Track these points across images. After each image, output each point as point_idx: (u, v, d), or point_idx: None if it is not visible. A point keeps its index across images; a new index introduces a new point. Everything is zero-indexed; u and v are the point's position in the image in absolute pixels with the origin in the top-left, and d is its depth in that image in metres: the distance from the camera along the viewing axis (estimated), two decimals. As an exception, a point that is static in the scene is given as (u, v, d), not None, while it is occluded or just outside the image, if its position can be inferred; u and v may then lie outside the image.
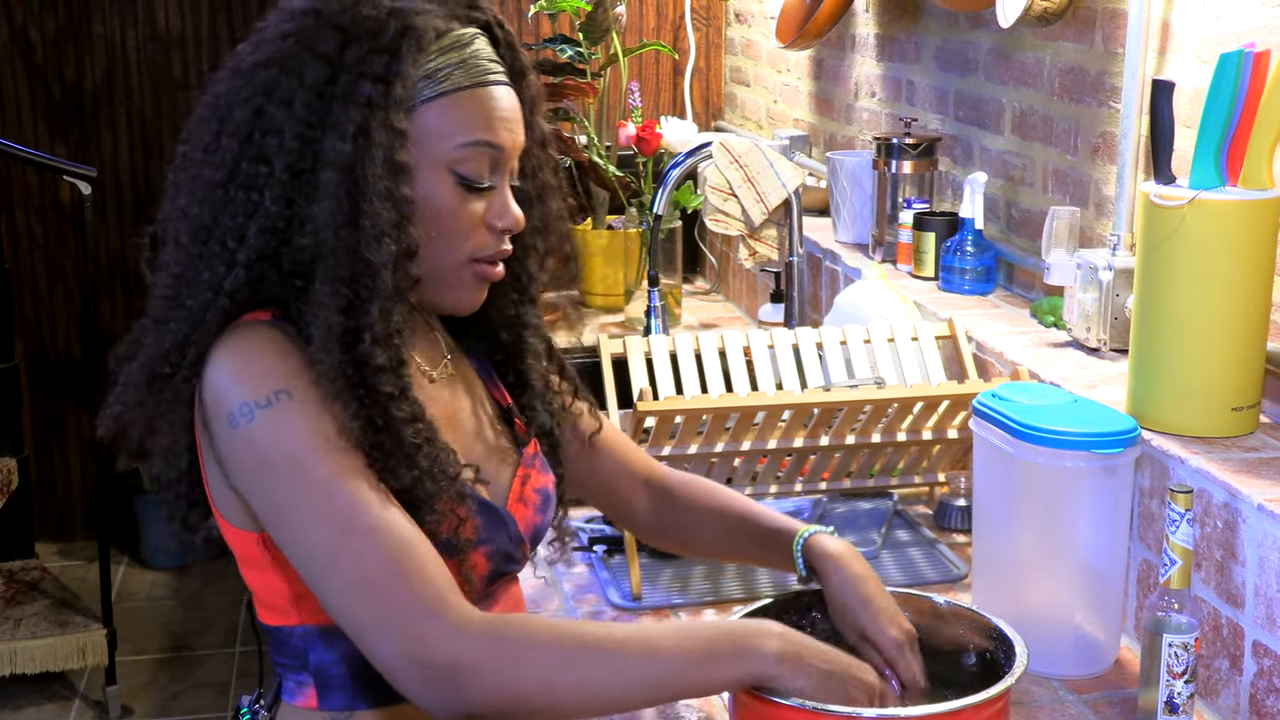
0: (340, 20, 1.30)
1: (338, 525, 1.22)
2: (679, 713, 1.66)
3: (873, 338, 2.21)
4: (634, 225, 3.46)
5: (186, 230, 1.32)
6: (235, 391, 1.25)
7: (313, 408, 1.25)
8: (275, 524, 1.26)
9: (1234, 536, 1.62)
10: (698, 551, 1.74)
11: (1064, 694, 1.71)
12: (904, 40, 3.05)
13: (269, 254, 1.28)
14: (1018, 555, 1.77)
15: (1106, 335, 2.15)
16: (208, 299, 1.29)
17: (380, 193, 1.26)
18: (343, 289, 1.26)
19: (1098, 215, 2.33)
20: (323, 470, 1.23)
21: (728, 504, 1.62)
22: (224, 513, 1.33)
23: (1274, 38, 1.82)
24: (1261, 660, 1.58)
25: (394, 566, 1.22)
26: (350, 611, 1.23)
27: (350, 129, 1.26)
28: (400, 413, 1.28)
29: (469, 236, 1.34)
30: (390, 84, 1.27)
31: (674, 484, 1.65)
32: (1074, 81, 2.38)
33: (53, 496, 5.21)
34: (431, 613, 1.21)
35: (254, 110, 1.29)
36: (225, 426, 1.25)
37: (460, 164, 1.32)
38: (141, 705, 4.14)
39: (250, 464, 1.25)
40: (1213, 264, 1.73)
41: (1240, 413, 1.77)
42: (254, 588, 1.38)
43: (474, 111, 1.33)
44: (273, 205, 1.27)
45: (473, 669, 1.20)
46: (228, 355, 1.27)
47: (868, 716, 1.28)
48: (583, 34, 3.47)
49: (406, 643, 1.20)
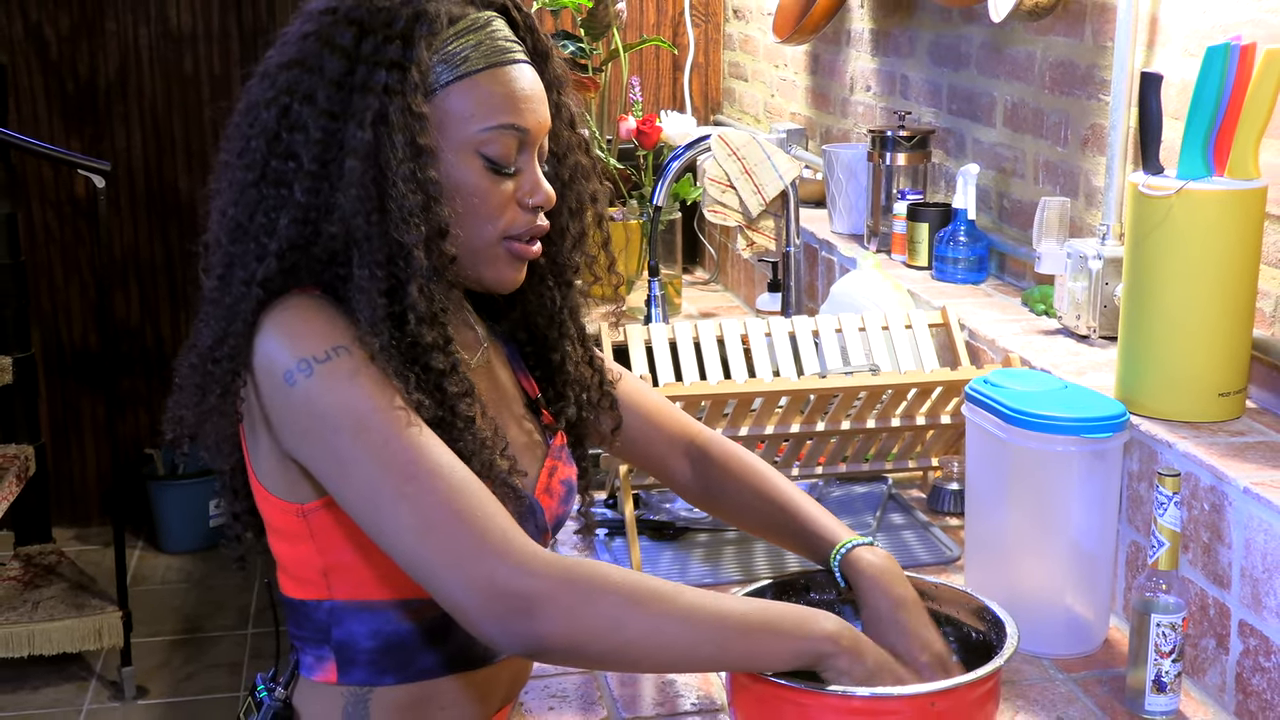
0: (356, 15, 1.30)
1: (400, 472, 1.21)
2: (678, 691, 1.66)
3: (868, 326, 2.20)
4: (635, 217, 3.45)
5: (225, 232, 1.32)
6: (290, 351, 1.24)
7: (369, 366, 1.24)
8: (337, 479, 1.24)
9: (1220, 519, 1.61)
10: (739, 526, 1.69)
11: (1054, 673, 1.70)
12: (898, 35, 3.04)
13: (300, 243, 1.28)
14: (1009, 538, 1.76)
15: (1096, 323, 2.14)
16: (242, 292, 1.29)
17: (404, 176, 1.26)
18: (379, 272, 1.26)
19: (1087, 205, 2.32)
20: (382, 420, 1.23)
21: (770, 489, 1.56)
22: (268, 485, 1.33)
23: (1260, 31, 1.81)
24: (1247, 640, 1.58)
25: (458, 507, 1.21)
26: (419, 555, 1.21)
27: (370, 116, 1.26)
28: (454, 388, 1.29)
29: (501, 215, 1.33)
30: (406, 69, 1.27)
31: (716, 454, 1.59)
32: (1064, 75, 2.37)
33: (69, 483, 5.21)
34: (499, 549, 1.20)
35: (280, 110, 1.29)
36: (281, 387, 1.24)
37: (486, 146, 1.31)
38: (156, 685, 4.14)
39: (308, 422, 1.24)
40: (1200, 253, 1.72)
41: (1226, 398, 1.76)
42: (284, 560, 1.37)
43: (494, 92, 1.31)
44: (303, 197, 1.27)
45: (546, 602, 1.19)
46: (278, 322, 1.26)
47: (858, 694, 1.27)
48: (584, 30, 3.46)
49: (478, 578, 1.19)
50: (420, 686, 1.37)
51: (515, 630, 1.20)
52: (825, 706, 1.28)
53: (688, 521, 2.13)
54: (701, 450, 1.60)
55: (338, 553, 1.32)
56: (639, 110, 3.59)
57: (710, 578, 1.95)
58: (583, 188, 1.45)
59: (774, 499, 1.55)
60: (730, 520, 1.66)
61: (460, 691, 1.39)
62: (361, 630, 1.35)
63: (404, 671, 1.37)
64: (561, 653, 1.23)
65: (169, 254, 5.16)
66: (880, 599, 1.42)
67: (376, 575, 1.32)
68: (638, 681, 1.69)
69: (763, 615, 1.28)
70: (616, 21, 3.50)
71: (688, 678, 1.69)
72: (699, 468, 1.60)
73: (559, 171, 1.42)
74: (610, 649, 1.23)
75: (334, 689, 1.38)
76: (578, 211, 1.45)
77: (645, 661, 1.28)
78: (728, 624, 1.25)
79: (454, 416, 1.28)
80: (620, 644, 1.22)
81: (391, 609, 1.34)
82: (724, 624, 1.25)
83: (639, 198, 3.47)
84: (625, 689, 1.67)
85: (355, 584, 1.33)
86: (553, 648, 1.22)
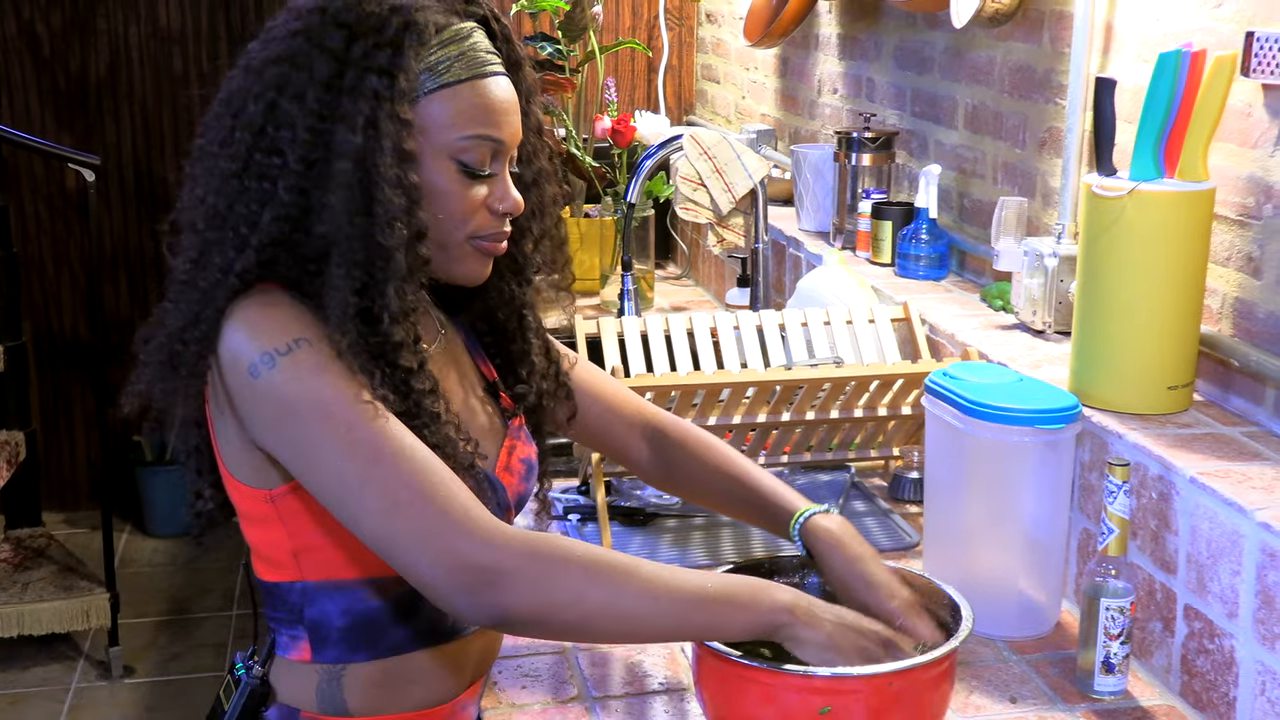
0: (345, 17, 1.29)
1: (364, 456, 1.22)
2: (646, 671, 1.67)
3: (832, 320, 2.21)
4: (609, 213, 3.45)
5: (202, 217, 1.31)
6: (254, 344, 1.24)
7: (332, 359, 1.24)
8: (304, 467, 1.25)
9: (1168, 507, 1.62)
10: (700, 503, 1.71)
11: (1008, 654, 1.71)
12: (864, 40, 3.05)
13: (282, 240, 1.28)
14: (966, 524, 1.77)
15: (1051, 318, 2.15)
16: (218, 279, 1.28)
17: (391, 180, 1.26)
18: (356, 271, 1.26)
19: (1044, 205, 2.33)
20: (344, 407, 1.23)
21: (728, 464, 1.57)
22: (235, 473, 1.33)
23: (1210, 38, 1.82)
24: (1192, 623, 1.59)
25: (422, 487, 1.22)
26: (386, 536, 1.22)
27: (360, 120, 1.26)
28: (421, 385, 1.29)
29: (471, 218, 1.34)
30: (395, 77, 1.27)
31: (674, 434, 1.60)
32: (1023, 79, 2.38)
33: (59, 468, 5.18)
34: (462, 525, 1.21)
35: (267, 105, 1.28)
36: (246, 379, 1.24)
37: (463, 154, 1.32)
38: (142, 665, 4.13)
39: (273, 412, 1.24)
40: (1151, 251, 1.73)
41: (1175, 391, 1.77)
42: (256, 544, 1.37)
43: (474, 103, 1.32)
44: (287, 195, 1.27)
45: (510, 575, 1.21)
46: (243, 315, 1.26)
47: (819, 674, 1.28)
48: (562, 32, 3.46)
49: (444, 555, 1.20)
50: (392, 661, 1.38)
51: (481, 603, 1.21)
52: (787, 686, 1.29)
53: (657, 508, 2.14)
54: (659, 430, 1.61)
55: (307, 535, 1.32)
56: (614, 110, 3.59)
57: (679, 561, 1.95)
58: (545, 190, 1.46)
59: (733, 474, 1.57)
60: (690, 498, 1.67)
61: (431, 665, 1.40)
62: (333, 609, 1.35)
63: (375, 648, 1.37)
64: (526, 624, 1.24)
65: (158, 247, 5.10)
66: (839, 558, 1.44)
67: (345, 555, 1.33)
68: (608, 662, 1.69)
69: (719, 588, 1.29)
70: (593, 24, 3.49)
71: (655, 659, 1.69)
72: (657, 448, 1.61)
73: (524, 174, 1.43)
74: (572, 620, 1.24)
75: (309, 667, 1.38)
76: (540, 212, 1.46)
77: (606, 632, 1.29)
78: (685, 596, 1.26)
79: (419, 410, 1.29)
80: (582, 615, 1.23)
81: (361, 587, 1.34)
82: (681, 596, 1.26)
83: (613, 195, 3.47)
84: (595, 669, 1.67)
85: (325, 564, 1.33)
86: (517, 619, 1.23)
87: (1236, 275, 1.81)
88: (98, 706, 3.91)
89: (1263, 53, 1.70)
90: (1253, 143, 1.76)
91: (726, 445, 1.60)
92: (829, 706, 1.28)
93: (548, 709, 1.59)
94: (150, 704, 3.92)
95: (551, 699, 1.61)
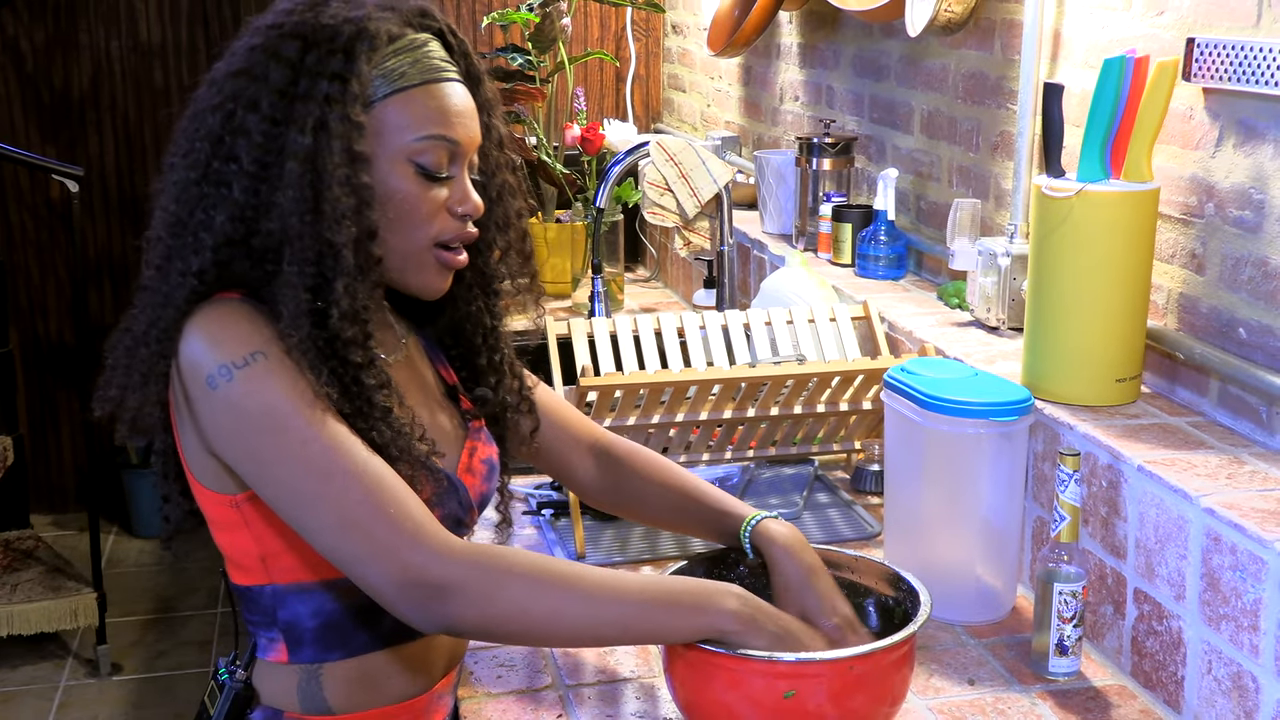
0: (301, 29, 1.29)
1: (318, 472, 1.22)
2: (618, 660, 1.67)
3: (795, 319, 2.21)
4: (579, 218, 3.45)
5: (165, 227, 1.31)
6: (211, 356, 1.23)
7: (287, 369, 1.24)
8: (259, 479, 1.24)
9: (1117, 495, 1.64)
10: (643, 520, 1.70)
11: (966, 639, 1.72)
12: (824, 49, 3.05)
13: (237, 239, 1.27)
14: (925, 514, 1.78)
15: (1004, 315, 2.16)
16: (178, 282, 1.28)
17: (339, 180, 1.25)
18: (308, 269, 1.25)
19: (997, 206, 2.34)
20: (299, 422, 1.22)
21: (674, 479, 1.57)
22: (200, 479, 1.32)
23: (1153, 45, 1.84)
24: (1141, 606, 1.60)
25: (374, 504, 1.21)
26: (340, 550, 1.22)
27: (310, 123, 1.25)
28: (370, 380, 1.28)
29: (431, 221, 1.33)
30: (346, 81, 1.27)
31: (620, 452, 1.60)
32: (976, 86, 2.39)
33: (46, 471, 5.15)
34: (414, 541, 1.21)
35: (225, 115, 1.28)
36: (204, 390, 1.23)
37: (419, 155, 1.31)
38: (130, 662, 4.11)
39: (230, 424, 1.23)
40: (1098, 249, 1.74)
41: (1123, 384, 1.78)
42: (225, 550, 1.36)
43: (429, 106, 1.31)
44: (240, 195, 1.26)
45: (457, 589, 1.21)
46: (201, 326, 1.25)
47: (784, 659, 1.28)
48: (532, 44, 3.45)
49: (394, 569, 1.21)
50: (363, 660, 1.37)
51: (431, 614, 1.22)
52: (753, 671, 1.29)
53: (628, 502, 2.13)
54: (606, 449, 1.60)
55: (271, 540, 1.31)
56: (583, 119, 3.59)
57: (649, 554, 1.96)
58: (509, 205, 1.45)
59: (679, 487, 1.56)
60: (637, 516, 1.66)
61: (401, 663, 1.39)
62: (304, 611, 1.34)
63: (346, 648, 1.36)
64: (473, 633, 1.26)
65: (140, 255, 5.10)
66: (792, 567, 1.44)
67: (305, 560, 1.32)
68: (581, 651, 1.69)
69: (665, 594, 1.29)
70: (562, 36, 3.49)
71: (626, 649, 1.69)
72: (605, 465, 1.60)
73: (488, 188, 1.42)
74: (519, 629, 1.25)
75: (287, 668, 1.37)
76: (504, 226, 1.45)
77: (552, 639, 1.30)
78: (628, 603, 1.26)
79: (371, 407, 1.28)
80: (527, 625, 1.24)
81: (323, 590, 1.34)
82: (624, 603, 1.26)
83: (583, 201, 3.47)
84: (568, 658, 1.67)
85: (289, 568, 1.33)
86: (465, 629, 1.24)
87: (1181, 272, 1.82)
88: (86, 703, 3.88)
89: (1203, 58, 1.71)
90: (1194, 144, 1.77)
91: (670, 462, 1.60)
92: (793, 690, 1.28)
93: (522, 698, 1.59)
94: (137, 700, 3.90)
95: (526, 687, 1.61)
